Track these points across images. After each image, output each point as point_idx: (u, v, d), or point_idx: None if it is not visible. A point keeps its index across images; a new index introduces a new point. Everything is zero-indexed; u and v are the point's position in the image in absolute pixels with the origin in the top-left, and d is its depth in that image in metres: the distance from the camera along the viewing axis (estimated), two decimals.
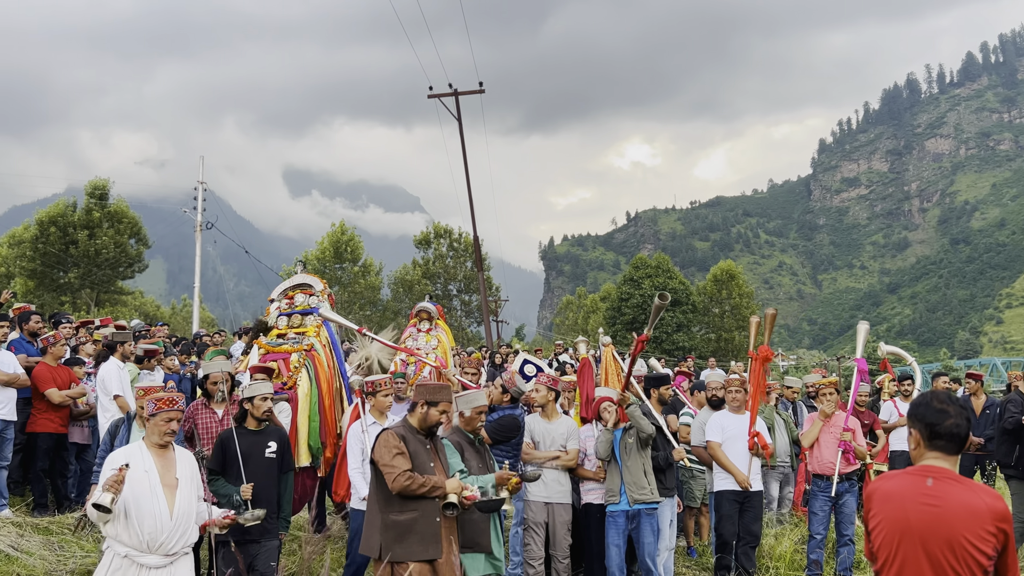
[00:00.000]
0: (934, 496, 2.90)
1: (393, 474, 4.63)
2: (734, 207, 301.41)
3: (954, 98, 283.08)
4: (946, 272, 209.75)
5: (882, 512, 3.02)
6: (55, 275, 36.03)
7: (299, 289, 8.22)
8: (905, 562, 2.92)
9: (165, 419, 4.62)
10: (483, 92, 25.03)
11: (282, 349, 7.52)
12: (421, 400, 4.99)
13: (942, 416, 2.99)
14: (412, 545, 4.69)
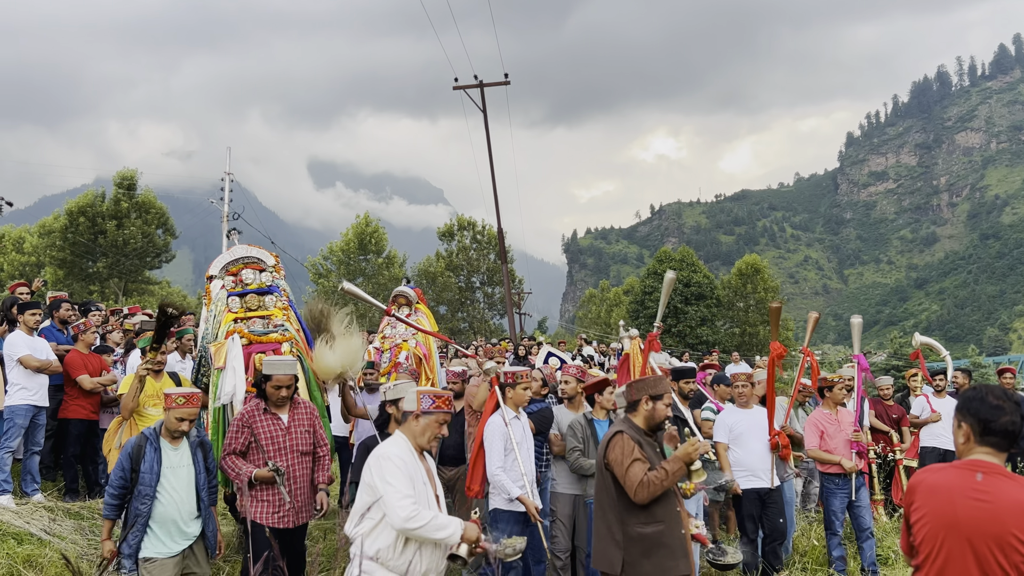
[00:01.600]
0: (984, 492, 2.82)
1: (634, 483, 4.18)
2: (760, 201, 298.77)
3: (985, 91, 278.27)
4: (975, 268, 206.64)
5: (927, 505, 2.94)
6: (84, 264, 36.51)
7: (244, 264, 7.05)
8: (950, 558, 2.83)
9: (439, 421, 4.14)
10: (508, 84, 24.98)
11: (271, 339, 6.55)
12: (644, 396, 4.52)
13: (998, 412, 2.91)
14: (663, 560, 4.24)
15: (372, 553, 3.76)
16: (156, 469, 5.00)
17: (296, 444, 5.52)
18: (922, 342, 8.43)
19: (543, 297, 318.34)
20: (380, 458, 3.90)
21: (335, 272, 43.44)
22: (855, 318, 8.07)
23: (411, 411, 4.10)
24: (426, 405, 4.07)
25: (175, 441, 5.14)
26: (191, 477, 5.16)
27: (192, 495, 5.14)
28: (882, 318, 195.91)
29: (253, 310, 6.68)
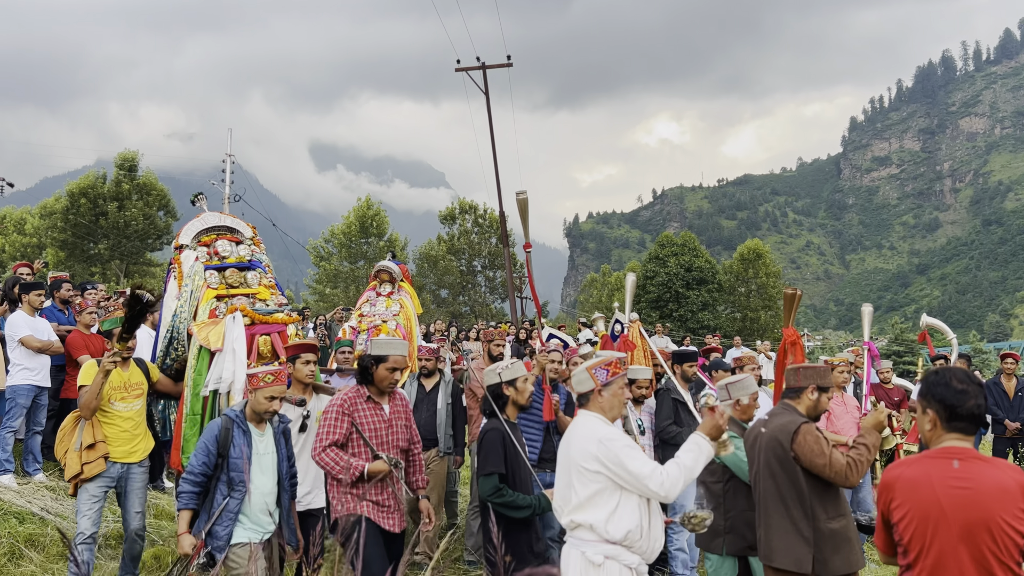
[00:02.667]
0: (964, 478, 2.76)
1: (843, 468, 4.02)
2: (762, 185, 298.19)
3: (990, 76, 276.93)
4: (977, 254, 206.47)
5: (910, 501, 2.85)
6: (85, 246, 36.52)
7: (217, 234, 6.29)
8: (942, 552, 2.76)
9: (622, 386, 3.97)
10: (511, 66, 24.84)
11: (276, 319, 5.86)
12: (811, 385, 4.36)
13: (963, 396, 2.85)
14: (849, 554, 4.12)
15: (620, 537, 3.59)
16: (247, 454, 4.53)
17: (396, 439, 4.87)
18: (929, 324, 8.40)
19: (544, 281, 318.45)
20: (603, 442, 3.67)
21: (336, 255, 43.42)
22: (866, 306, 8.10)
23: (590, 389, 3.92)
24: (603, 377, 3.90)
25: (260, 425, 4.69)
26: (275, 467, 4.69)
27: (274, 488, 4.69)
28: (884, 304, 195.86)
29: (234, 287, 5.97)
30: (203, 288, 5.88)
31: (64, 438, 5.36)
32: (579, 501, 3.72)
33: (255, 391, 4.62)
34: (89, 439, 5.26)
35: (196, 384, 5.45)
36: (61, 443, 5.36)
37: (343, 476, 4.57)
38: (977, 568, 2.71)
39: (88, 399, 5.23)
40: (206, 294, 5.85)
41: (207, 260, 6.06)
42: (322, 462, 4.61)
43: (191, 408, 5.44)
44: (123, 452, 5.39)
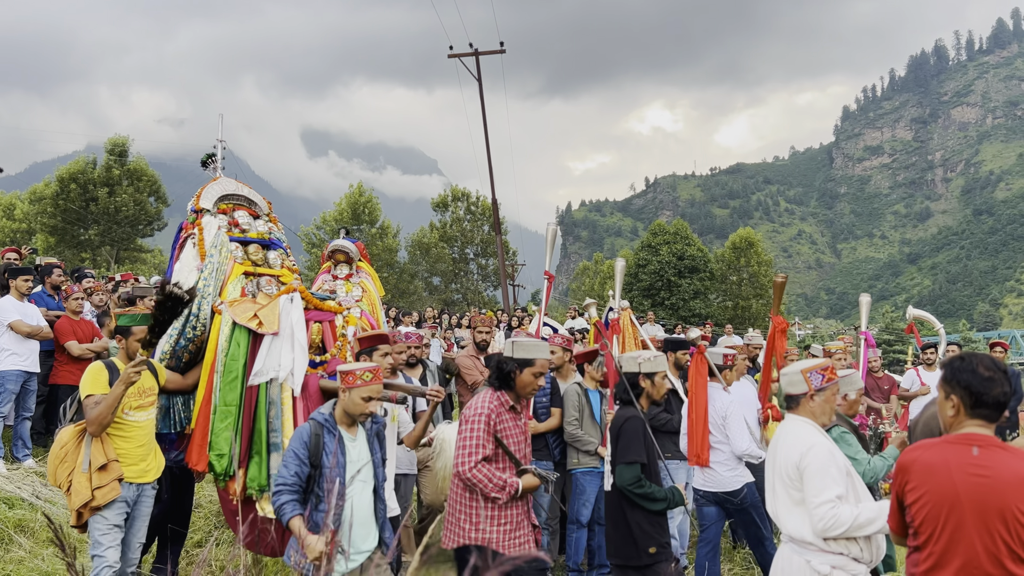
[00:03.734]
0: (982, 466, 2.74)
1: None
2: (755, 174, 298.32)
3: (982, 65, 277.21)
4: (968, 243, 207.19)
5: (925, 484, 2.83)
6: (75, 232, 36.29)
7: (235, 204, 5.61)
8: (954, 536, 2.75)
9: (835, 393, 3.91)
10: (504, 52, 24.75)
11: (328, 307, 5.40)
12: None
13: (990, 384, 2.82)
14: None
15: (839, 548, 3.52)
16: (342, 462, 4.04)
17: (528, 452, 4.50)
18: (915, 315, 8.45)
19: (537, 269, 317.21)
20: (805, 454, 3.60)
21: (328, 242, 43.30)
22: (864, 296, 8.14)
23: (803, 393, 3.80)
24: (817, 382, 3.81)
25: (351, 429, 4.18)
26: (369, 474, 4.19)
27: (370, 497, 4.19)
28: (874, 292, 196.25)
29: (257, 265, 5.36)
30: (230, 262, 5.24)
31: (67, 457, 4.48)
32: (787, 509, 3.69)
33: (349, 390, 4.08)
34: (100, 458, 4.43)
35: (229, 371, 4.80)
36: (63, 463, 4.48)
37: (496, 495, 4.14)
38: (988, 556, 2.70)
39: (102, 413, 4.41)
40: (234, 269, 5.21)
41: (228, 231, 5.38)
42: (474, 479, 4.12)
43: (223, 399, 4.75)
44: (137, 471, 4.60)
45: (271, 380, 4.78)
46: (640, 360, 4.69)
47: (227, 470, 4.67)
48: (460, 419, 4.36)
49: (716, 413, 6.13)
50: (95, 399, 4.47)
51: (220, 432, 4.69)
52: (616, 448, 4.57)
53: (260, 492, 4.69)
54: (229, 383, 4.76)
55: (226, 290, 5.09)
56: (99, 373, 4.59)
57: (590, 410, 6.51)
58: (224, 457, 4.64)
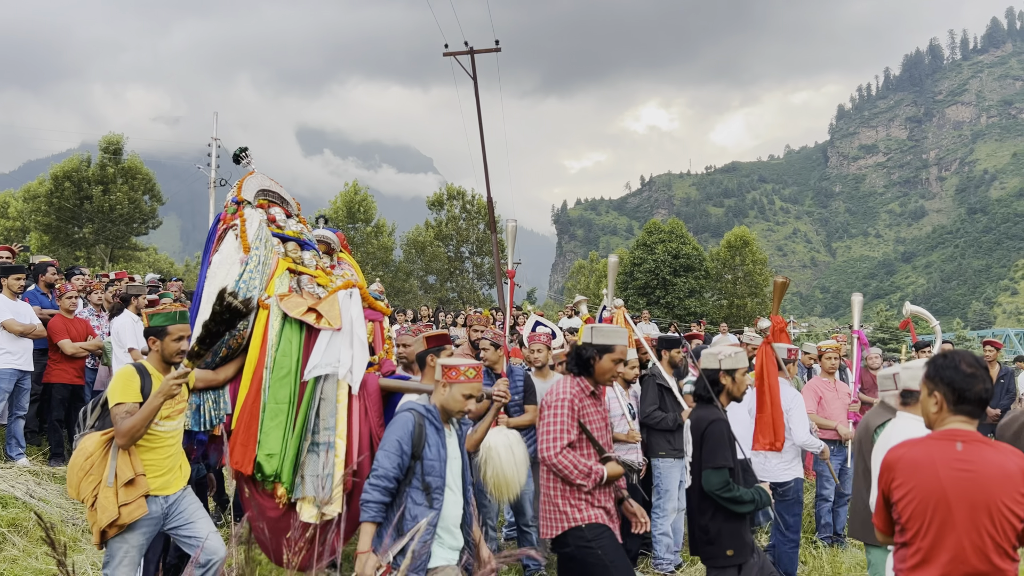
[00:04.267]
0: (967, 461, 2.79)
1: None
2: (750, 173, 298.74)
3: (977, 65, 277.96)
4: (962, 242, 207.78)
5: (912, 480, 2.87)
6: (70, 230, 36.20)
7: (269, 200, 5.45)
8: (941, 531, 2.79)
9: None
10: (499, 51, 24.71)
11: (379, 307, 5.23)
12: None
13: (972, 380, 2.86)
14: None
15: None
16: (443, 455, 3.90)
17: (610, 439, 4.48)
18: (912, 312, 8.45)
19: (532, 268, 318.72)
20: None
21: None
22: (856, 296, 8.17)
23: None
24: None
25: (447, 426, 4.06)
26: (459, 471, 4.04)
27: (460, 499, 4.02)
28: (869, 291, 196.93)
29: (297, 264, 5.16)
30: (274, 257, 5.02)
31: (93, 469, 4.03)
32: None
33: (451, 386, 3.92)
34: (128, 472, 4.03)
35: (280, 366, 4.56)
36: (88, 475, 4.02)
37: (582, 482, 4.10)
38: (974, 550, 2.73)
39: (135, 426, 3.99)
40: (279, 264, 4.99)
41: (272, 227, 5.17)
42: (560, 464, 4.07)
43: (273, 396, 4.52)
44: (162, 483, 4.23)
45: (325, 376, 4.56)
46: (721, 356, 4.59)
47: (277, 471, 4.41)
48: (541, 405, 4.30)
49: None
50: (126, 408, 4.03)
51: (270, 431, 4.46)
52: (701, 451, 4.48)
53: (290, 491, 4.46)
54: (280, 379, 4.54)
55: (273, 284, 4.87)
56: (130, 379, 4.13)
57: None
58: (274, 457, 4.39)
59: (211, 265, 5.01)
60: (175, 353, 4.27)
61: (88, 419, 4.45)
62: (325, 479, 4.37)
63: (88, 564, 5.55)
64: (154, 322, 4.29)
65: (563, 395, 4.19)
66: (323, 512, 4.38)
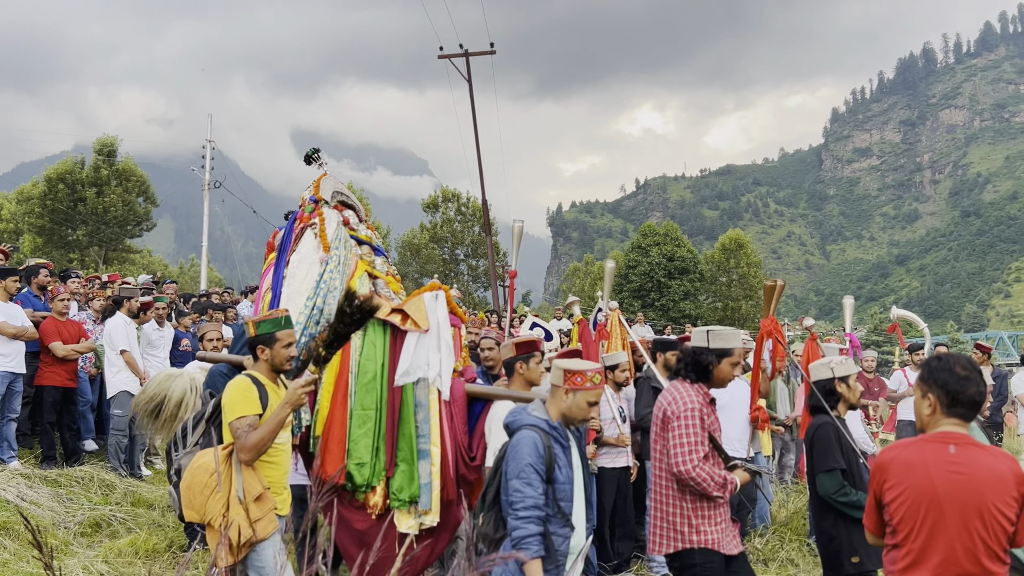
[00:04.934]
0: (960, 463, 2.80)
1: None
2: (744, 176, 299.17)
3: (970, 68, 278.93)
4: (955, 245, 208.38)
5: (904, 482, 2.88)
6: (63, 232, 36.08)
7: (344, 202, 5.28)
8: (932, 533, 2.80)
9: None
10: (494, 53, 24.76)
11: (460, 312, 5.01)
12: None
13: (965, 383, 2.88)
14: None
15: None
16: (571, 476, 3.59)
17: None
18: (899, 315, 8.50)
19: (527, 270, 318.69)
20: None
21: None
22: (847, 299, 8.19)
23: None
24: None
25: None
26: (581, 484, 3.74)
27: (584, 511, 3.74)
28: (863, 294, 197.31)
29: (373, 269, 5.03)
30: (353, 259, 4.91)
31: (213, 483, 3.75)
32: None
33: (575, 392, 3.61)
34: (256, 487, 3.82)
35: (365, 371, 4.39)
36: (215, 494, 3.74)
37: (719, 493, 3.96)
38: (965, 552, 2.75)
39: (264, 439, 3.76)
40: (358, 266, 4.86)
41: (350, 230, 5.07)
42: (699, 478, 3.91)
43: (359, 402, 4.34)
44: (280, 501, 4.04)
45: (418, 381, 4.39)
46: (832, 365, 4.48)
47: (369, 481, 4.23)
48: (667, 416, 4.11)
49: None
50: (248, 421, 3.79)
51: (359, 439, 4.28)
52: (811, 457, 4.41)
53: (408, 504, 4.26)
54: (366, 385, 4.38)
55: (353, 285, 4.63)
56: (248, 390, 3.90)
57: None
58: (365, 466, 4.22)
59: (290, 264, 4.87)
60: (285, 360, 4.04)
61: (191, 436, 4.16)
62: (423, 488, 4.22)
63: (79, 568, 5.52)
64: (261, 330, 4.05)
65: (691, 404, 4.02)
66: (421, 522, 4.25)
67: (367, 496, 4.28)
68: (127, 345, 8.13)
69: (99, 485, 7.45)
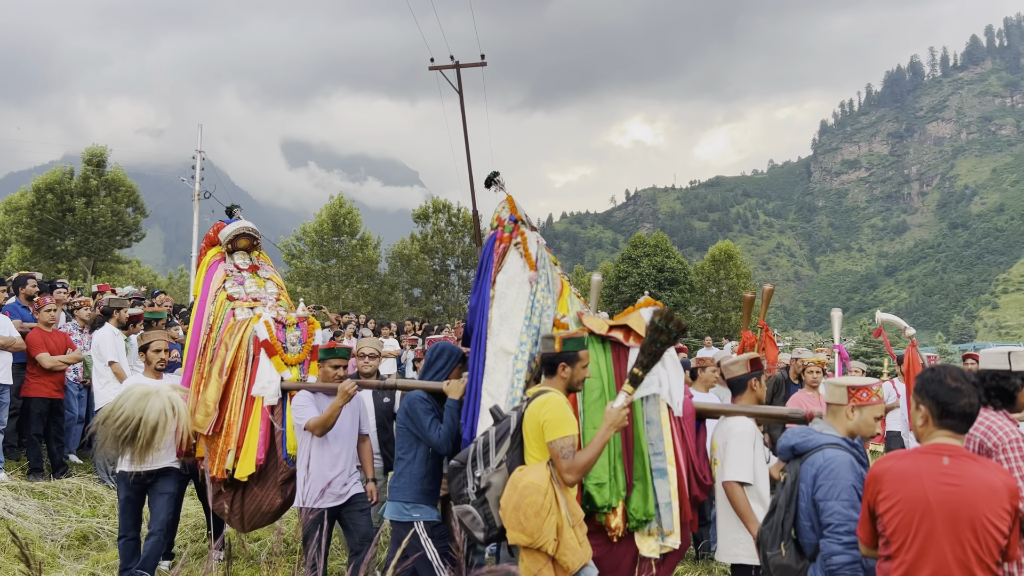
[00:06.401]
0: (953, 475, 2.80)
1: None
2: (734, 187, 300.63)
3: (957, 81, 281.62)
4: (943, 256, 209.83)
5: (898, 493, 2.88)
6: (52, 242, 35.89)
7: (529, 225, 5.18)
8: (925, 545, 2.80)
9: None
10: (485, 65, 24.83)
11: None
12: None
13: (956, 395, 2.88)
14: None
15: None
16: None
17: None
18: (883, 319, 8.50)
19: None
20: None
21: (308, 253, 43.12)
22: (835, 311, 8.21)
23: None
24: None
25: None
26: None
27: None
28: (852, 305, 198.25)
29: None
30: (559, 279, 4.87)
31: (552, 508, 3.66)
32: None
33: (861, 408, 3.57)
34: (578, 510, 3.90)
35: (591, 389, 4.35)
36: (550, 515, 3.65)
37: None
38: (958, 564, 2.75)
39: (592, 459, 3.76)
40: (564, 286, 4.83)
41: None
42: None
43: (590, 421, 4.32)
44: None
45: (647, 397, 4.33)
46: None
47: (609, 502, 4.14)
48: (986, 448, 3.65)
49: None
50: (572, 441, 3.78)
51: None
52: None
53: (643, 524, 4.18)
54: (594, 403, 4.30)
55: (565, 303, 4.73)
56: (568, 409, 3.88)
57: None
58: (604, 487, 4.13)
59: (496, 284, 4.80)
60: (581, 381, 4.04)
61: (494, 453, 3.97)
62: (664, 508, 4.15)
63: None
64: (568, 347, 4.00)
65: (1013, 435, 3.62)
66: (663, 545, 4.16)
67: (607, 518, 4.19)
68: (115, 356, 8.09)
69: (86, 497, 7.40)
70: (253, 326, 5.64)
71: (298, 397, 5.28)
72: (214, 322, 5.83)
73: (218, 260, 6.13)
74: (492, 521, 3.80)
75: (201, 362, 5.77)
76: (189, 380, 5.84)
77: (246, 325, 5.68)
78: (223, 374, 5.54)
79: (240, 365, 5.58)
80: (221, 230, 6.21)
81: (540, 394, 3.88)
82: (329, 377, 5.30)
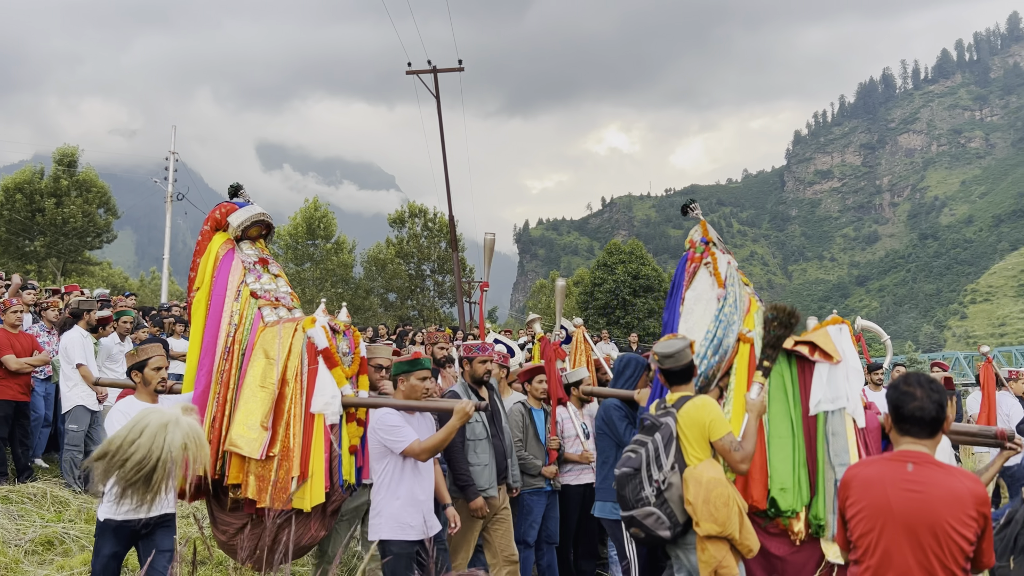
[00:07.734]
0: (916, 482, 2.84)
1: None
2: (708, 196, 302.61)
3: (928, 94, 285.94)
4: (913, 266, 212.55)
5: (863, 499, 2.93)
6: (21, 243, 35.36)
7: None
8: (888, 550, 2.84)
9: None
10: (462, 70, 24.88)
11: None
12: None
13: (905, 398, 2.93)
14: None
15: None
16: None
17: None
18: (864, 326, 8.54)
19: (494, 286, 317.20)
20: None
21: (282, 257, 42.84)
22: (811, 320, 8.27)
23: None
24: None
25: None
26: None
27: None
28: (824, 313, 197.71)
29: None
30: (746, 297, 5.22)
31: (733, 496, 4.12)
32: None
33: None
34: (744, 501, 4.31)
35: (775, 399, 4.62)
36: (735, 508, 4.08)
37: None
38: (920, 568, 2.79)
39: (754, 448, 4.14)
40: (752, 303, 5.17)
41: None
42: None
43: (775, 430, 4.58)
44: None
45: (833, 411, 4.56)
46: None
47: (793, 507, 4.38)
48: None
49: (1002, 413, 7.32)
50: (732, 435, 4.12)
51: (778, 465, 4.48)
52: None
53: (823, 530, 4.38)
54: (778, 413, 4.62)
55: (752, 319, 5.05)
56: (720, 407, 4.27)
57: (534, 429, 6.48)
58: (788, 492, 4.38)
59: (686, 301, 5.26)
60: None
61: (665, 457, 4.15)
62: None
63: None
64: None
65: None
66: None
67: (791, 522, 4.43)
68: (83, 359, 7.98)
69: (52, 501, 7.28)
70: (307, 331, 4.74)
71: (387, 416, 4.66)
72: (240, 322, 4.94)
73: (230, 249, 5.18)
74: (675, 518, 4.08)
75: (225, 367, 4.83)
76: (205, 389, 4.80)
77: (294, 330, 4.79)
78: (277, 386, 4.64)
79: (294, 378, 4.68)
80: (231, 213, 5.23)
81: (684, 399, 4.20)
82: (417, 392, 4.75)
